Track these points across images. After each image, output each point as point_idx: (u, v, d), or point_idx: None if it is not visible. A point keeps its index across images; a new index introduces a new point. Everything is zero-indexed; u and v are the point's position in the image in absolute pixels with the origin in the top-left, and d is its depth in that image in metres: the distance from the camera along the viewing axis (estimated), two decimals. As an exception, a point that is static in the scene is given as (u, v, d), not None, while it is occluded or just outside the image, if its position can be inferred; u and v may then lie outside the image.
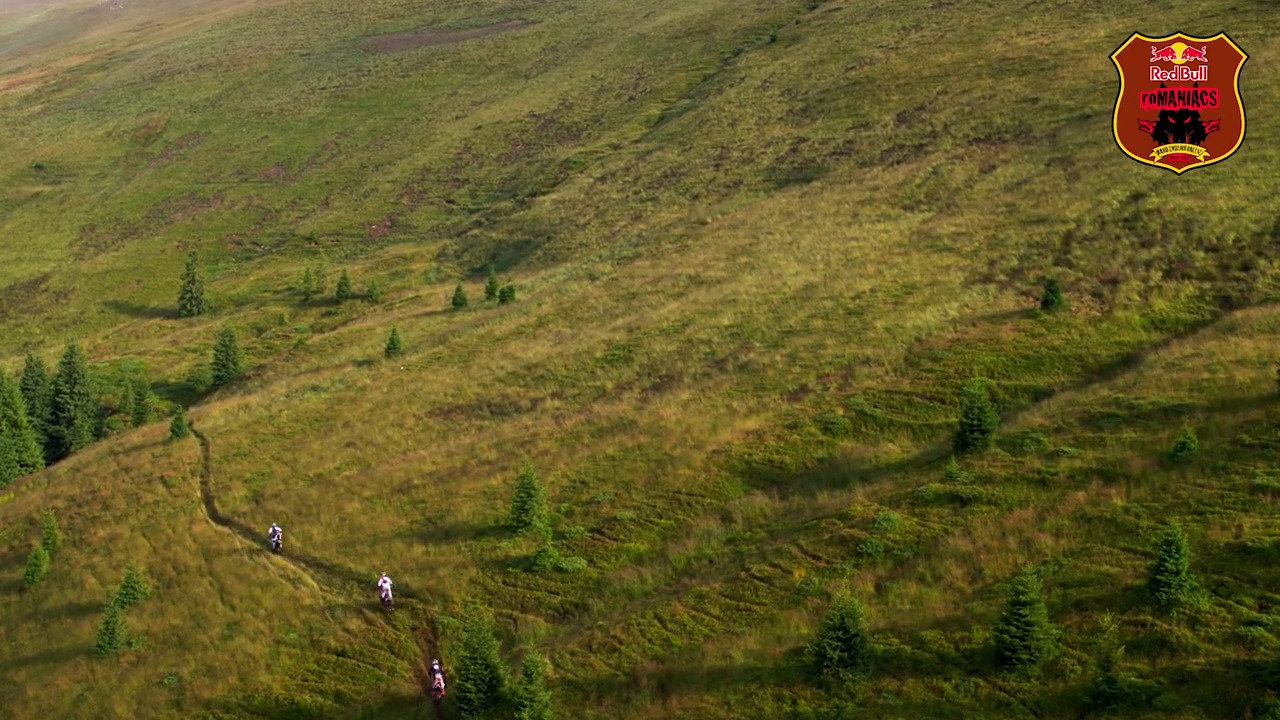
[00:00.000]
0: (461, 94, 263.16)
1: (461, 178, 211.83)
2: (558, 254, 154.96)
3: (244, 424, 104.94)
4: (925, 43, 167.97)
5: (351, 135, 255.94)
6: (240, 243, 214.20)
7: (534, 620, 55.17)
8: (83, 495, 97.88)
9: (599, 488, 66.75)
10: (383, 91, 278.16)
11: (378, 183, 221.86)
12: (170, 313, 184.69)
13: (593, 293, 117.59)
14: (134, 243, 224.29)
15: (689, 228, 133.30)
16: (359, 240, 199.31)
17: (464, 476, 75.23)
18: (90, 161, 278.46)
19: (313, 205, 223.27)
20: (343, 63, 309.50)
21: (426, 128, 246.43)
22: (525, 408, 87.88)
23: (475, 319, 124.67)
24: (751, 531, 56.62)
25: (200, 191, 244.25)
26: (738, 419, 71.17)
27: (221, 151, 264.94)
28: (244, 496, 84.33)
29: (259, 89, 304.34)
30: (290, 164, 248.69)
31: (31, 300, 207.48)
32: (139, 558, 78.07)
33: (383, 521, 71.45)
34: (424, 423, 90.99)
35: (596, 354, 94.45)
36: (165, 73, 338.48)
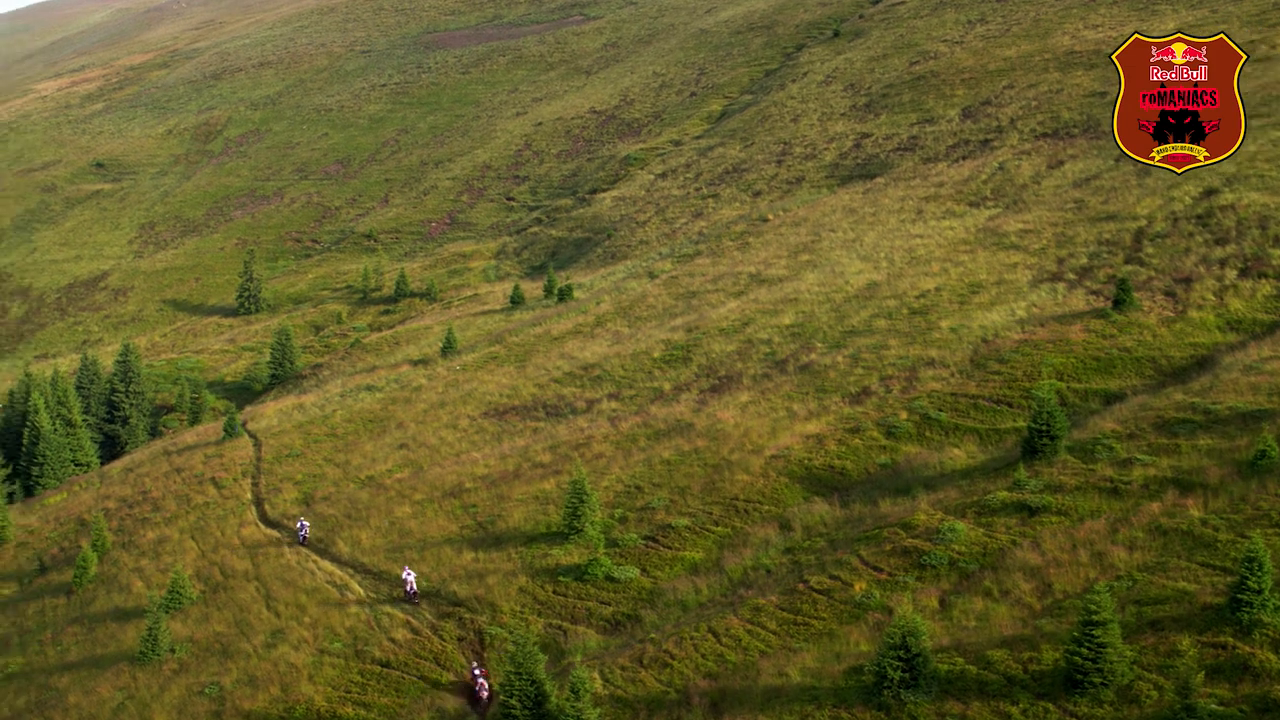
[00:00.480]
0: (522, 90, 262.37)
1: (522, 174, 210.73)
2: (618, 252, 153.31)
3: (297, 424, 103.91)
4: (990, 36, 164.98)
5: (412, 132, 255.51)
6: (299, 240, 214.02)
7: (584, 632, 53.33)
8: (134, 496, 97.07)
9: (654, 493, 64.82)
10: (443, 88, 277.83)
11: (437, 180, 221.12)
12: (228, 311, 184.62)
13: (652, 291, 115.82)
14: (193, 240, 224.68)
15: (750, 225, 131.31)
16: (418, 238, 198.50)
17: (516, 480, 73.58)
18: (150, 159, 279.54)
19: (372, 202, 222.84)
20: (403, 60, 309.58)
21: (487, 124, 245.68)
22: (581, 409, 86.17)
23: (533, 318, 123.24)
24: (811, 541, 54.54)
25: (260, 189, 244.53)
26: (798, 422, 69.06)
27: (282, 149, 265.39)
28: (294, 499, 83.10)
29: (319, 86, 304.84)
30: (350, 161, 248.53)
31: (90, 298, 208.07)
32: (186, 561, 77.01)
33: (433, 526, 69.88)
34: (478, 424, 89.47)
35: (654, 354, 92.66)
36: (226, 70, 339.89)
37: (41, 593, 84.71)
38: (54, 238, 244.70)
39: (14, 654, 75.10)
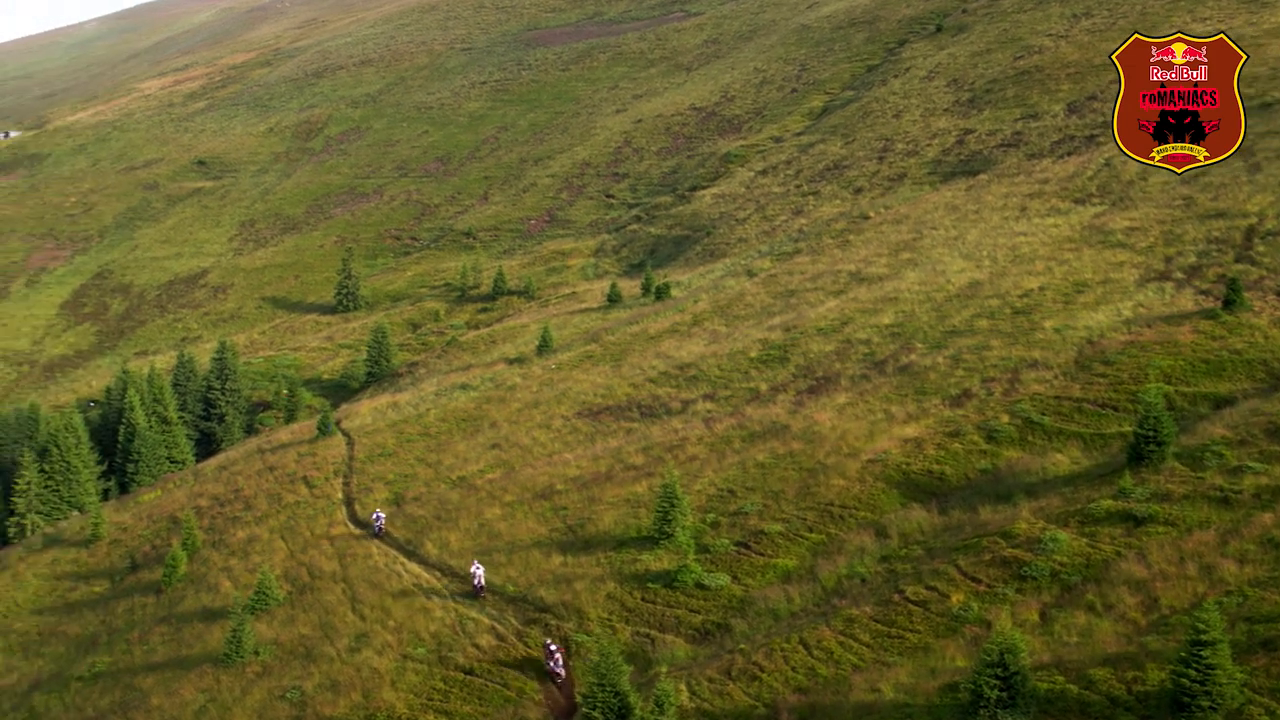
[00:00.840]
0: (622, 87, 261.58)
1: (621, 172, 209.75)
2: (716, 249, 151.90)
3: (391, 423, 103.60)
4: (1096, 30, 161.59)
5: (511, 130, 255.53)
6: (399, 238, 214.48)
7: (672, 641, 52.04)
8: (226, 494, 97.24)
9: (747, 498, 63.40)
10: (543, 85, 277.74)
11: (537, 177, 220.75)
12: (327, 308, 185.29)
13: (750, 290, 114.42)
14: (293, 238, 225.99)
15: (851, 222, 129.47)
16: (517, 235, 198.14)
17: (608, 482, 72.49)
18: (251, 157, 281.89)
19: (471, 200, 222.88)
20: (503, 57, 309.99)
21: (587, 121, 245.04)
22: (676, 410, 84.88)
23: (630, 316, 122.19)
24: (907, 549, 52.87)
25: (360, 187, 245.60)
26: (896, 425, 67.33)
27: (382, 146, 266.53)
28: (385, 499, 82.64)
29: (420, 84, 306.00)
30: (450, 159, 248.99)
31: (190, 295, 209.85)
32: (275, 561, 76.84)
33: (522, 529, 68.95)
34: (571, 424, 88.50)
35: (751, 354, 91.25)
36: (328, 68, 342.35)
37: (132, 591, 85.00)
38: (155, 235, 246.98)
39: (101, 653, 75.28)
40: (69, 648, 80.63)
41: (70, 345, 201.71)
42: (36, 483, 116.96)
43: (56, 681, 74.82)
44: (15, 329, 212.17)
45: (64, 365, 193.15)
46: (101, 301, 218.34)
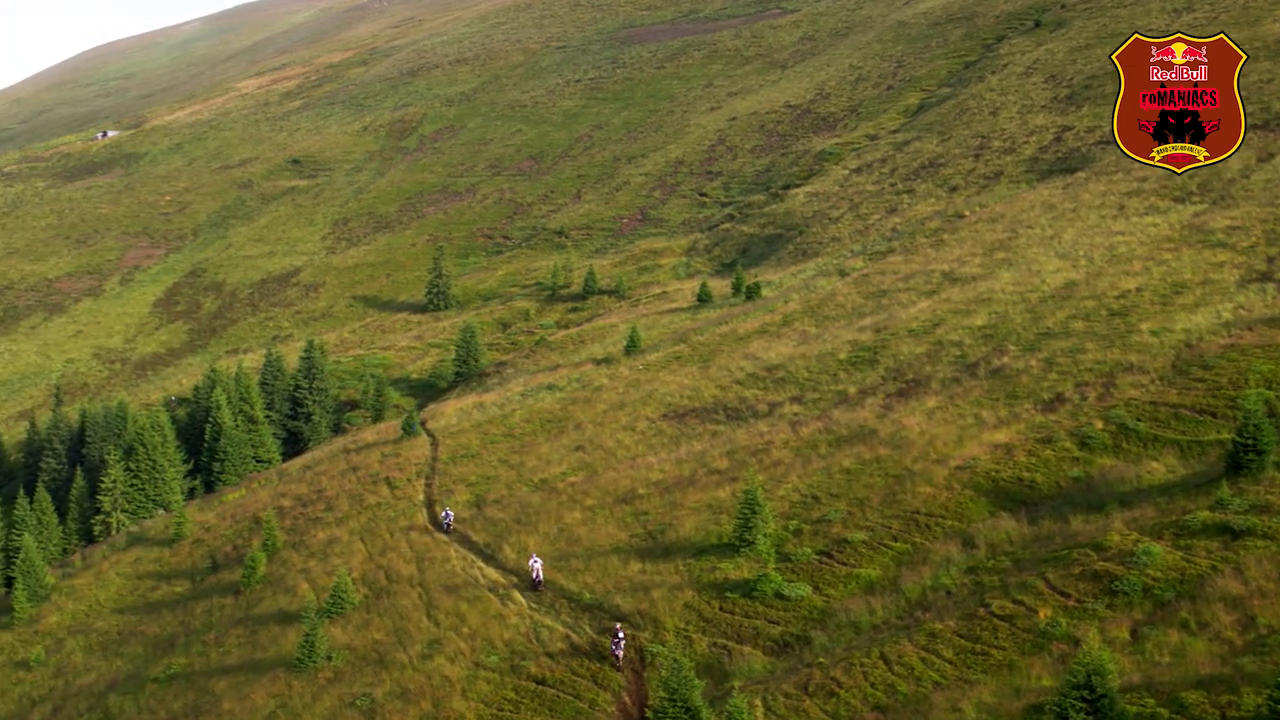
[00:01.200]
0: (717, 85, 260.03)
1: (715, 170, 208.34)
2: (809, 249, 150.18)
3: (476, 423, 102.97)
4: (1198, 25, 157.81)
5: (605, 128, 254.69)
6: (490, 237, 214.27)
7: (750, 653, 50.64)
8: (309, 494, 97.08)
9: (831, 505, 61.82)
10: (637, 83, 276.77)
11: (630, 175, 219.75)
12: (417, 307, 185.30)
13: (841, 289, 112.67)
14: (385, 237, 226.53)
15: (945, 221, 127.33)
16: (609, 234, 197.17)
17: (691, 487, 71.19)
18: (346, 155, 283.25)
19: (564, 199, 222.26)
20: (598, 55, 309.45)
21: (681, 119, 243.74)
22: (762, 412, 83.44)
23: (719, 316, 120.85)
24: (995, 560, 51.08)
25: (453, 185, 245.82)
26: (986, 431, 65.40)
27: (475, 145, 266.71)
28: (466, 501, 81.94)
29: (514, 82, 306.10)
30: (543, 157, 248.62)
31: (282, 294, 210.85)
32: (353, 564, 76.41)
33: (602, 534, 67.83)
34: (656, 426, 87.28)
35: (840, 355, 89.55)
36: (423, 67, 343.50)
37: (211, 591, 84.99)
38: (249, 234, 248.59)
39: (178, 654, 75.17)
40: (147, 648, 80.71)
41: (162, 343, 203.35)
42: (122, 481, 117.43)
43: (133, 682, 74.82)
44: (109, 327, 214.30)
45: (155, 363, 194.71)
46: (194, 300, 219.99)
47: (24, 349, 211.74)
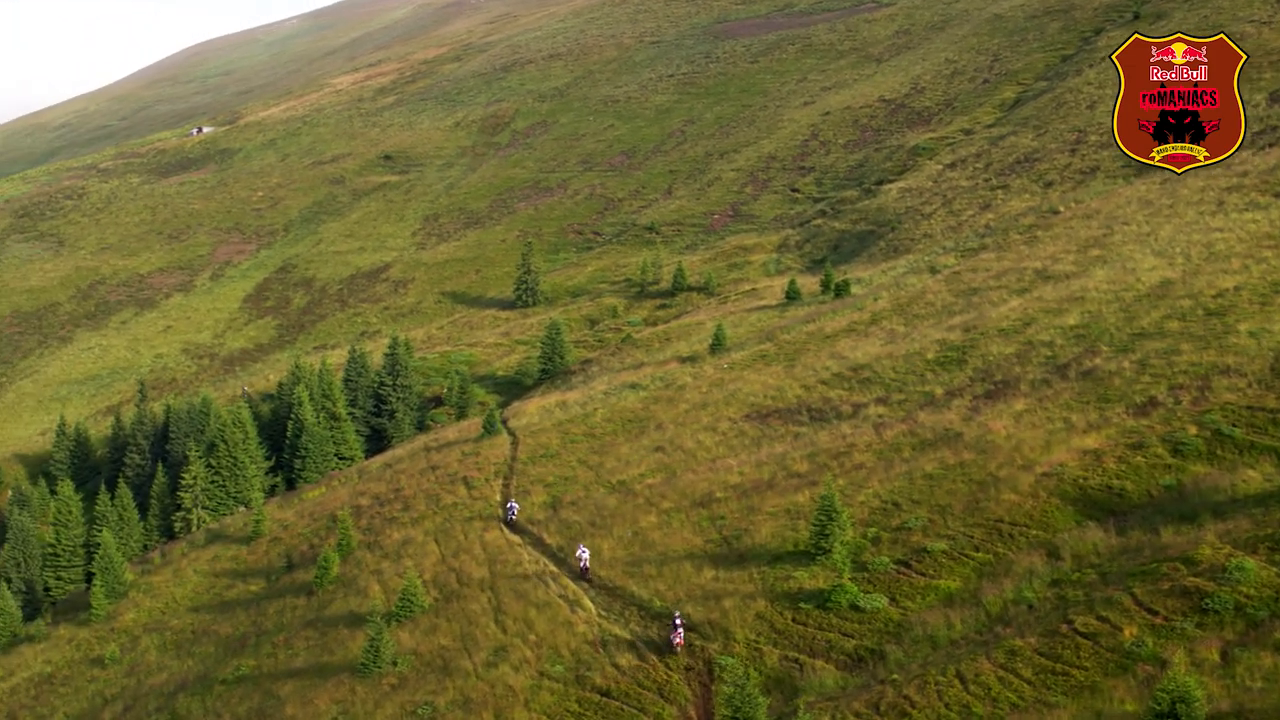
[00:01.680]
0: (811, 79, 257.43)
1: (807, 165, 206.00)
2: (900, 245, 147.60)
3: (557, 422, 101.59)
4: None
5: (698, 123, 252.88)
6: (581, 232, 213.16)
7: (822, 668, 48.62)
8: (387, 493, 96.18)
9: (912, 511, 59.58)
10: (731, 78, 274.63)
11: (722, 171, 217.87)
12: (506, 303, 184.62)
13: (932, 287, 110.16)
14: (475, 232, 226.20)
15: (1039, 217, 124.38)
16: (700, 230, 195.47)
17: (769, 491, 69.22)
18: (438, 151, 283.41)
19: (655, 194, 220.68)
20: (692, 50, 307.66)
21: (774, 114, 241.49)
22: (846, 413, 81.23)
23: (807, 314, 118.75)
24: (1080, 573, 48.70)
25: (544, 181, 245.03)
26: (1075, 435, 62.82)
27: (567, 140, 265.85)
28: (542, 503, 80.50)
29: (607, 77, 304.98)
30: (635, 152, 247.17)
31: (371, 290, 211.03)
32: (425, 565, 75.33)
33: (676, 539, 66.03)
34: (738, 427, 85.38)
35: (928, 355, 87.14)
36: (516, 63, 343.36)
37: (284, 591, 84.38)
38: (339, 229, 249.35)
39: (248, 655, 74.43)
40: (218, 648, 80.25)
41: (251, 339, 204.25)
42: (203, 478, 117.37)
43: (201, 684, 74.24)
44: (198, 322, 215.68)
45: (243, 359, 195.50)
46: (284, 295, 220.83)
47: (114, 344, 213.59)
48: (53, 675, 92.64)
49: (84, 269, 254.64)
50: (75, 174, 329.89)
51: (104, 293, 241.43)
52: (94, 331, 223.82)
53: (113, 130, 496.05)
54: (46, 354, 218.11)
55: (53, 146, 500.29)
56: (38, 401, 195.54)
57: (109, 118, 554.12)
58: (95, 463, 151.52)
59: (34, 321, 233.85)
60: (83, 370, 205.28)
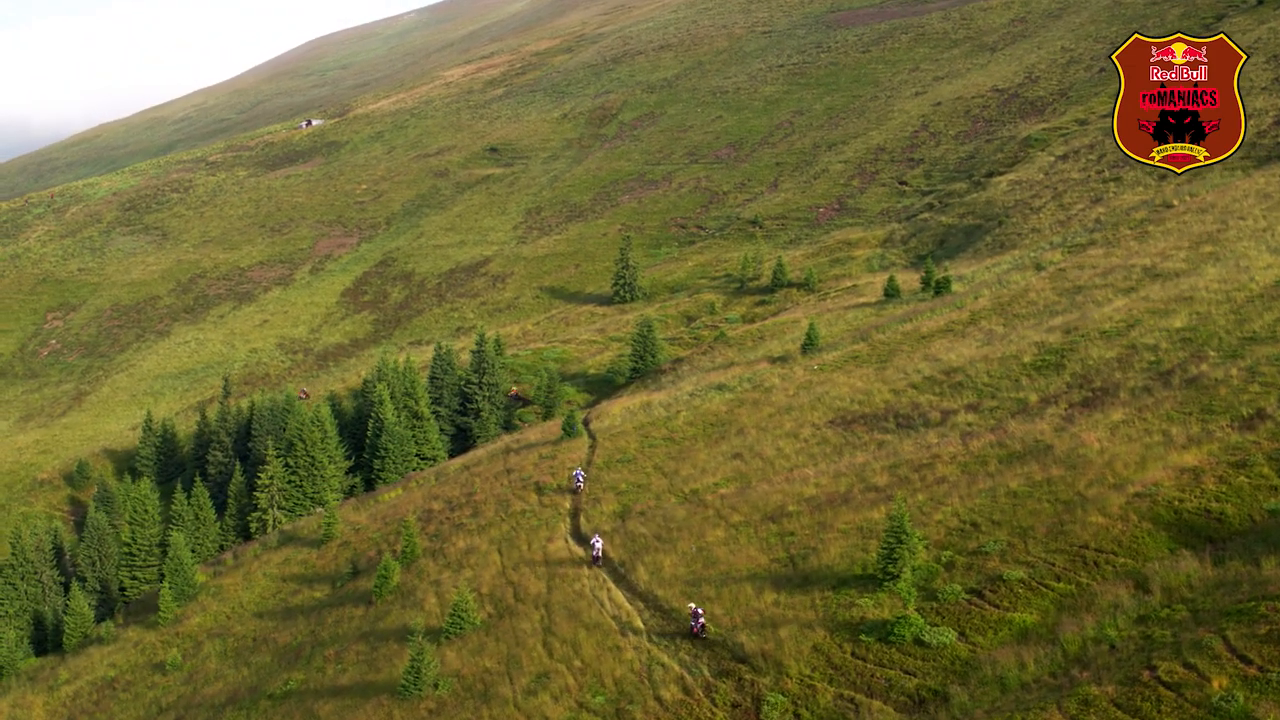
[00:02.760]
0: (923, 69, 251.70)
1: (916, 157, 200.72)
2: (1007, 240, 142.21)
3: (638, 425, 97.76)
4: None
5: (807, 114, 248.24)
6: (684, 226, 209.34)
7: (879, 709, 44.09)
8: (459, 497, 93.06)
9: (991, 534, 54.79)
10: (842, 68, 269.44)
11: (829, 163, 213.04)
12: (603, 299, 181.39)
13: (1035, 285, 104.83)
14: (577, 226, 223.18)
15: (1151, 211, 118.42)
16: (804, 224, 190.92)
17: (844, 505, 64.70)
18: (543, 143, 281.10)
19: (761, 187, 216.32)
20: (803, 39, 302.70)
21: (884, 105, 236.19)
22: (934, 421, 76.47)
23: (904, 313, 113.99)
24: (1170, 609, 43.75)
25: (649, 173, 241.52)
26: (1173, 451, 57.57)
27: (674, 132, 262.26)
28: (611, 512, 76.75)
29: (717, 68, 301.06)
30: (742, 144, 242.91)
31: (470, 284, 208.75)
32: (485, 577, 72.07)
33: (741, 556, 61.80)
34: (821, 433, 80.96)
35: (1025, 358, 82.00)
36: (627, 54, 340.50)
37: (345, 600, 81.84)
38: (441, 223, 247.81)
39: (299, 669, 71.84)
40: (275, 658, 78.08)
41: (346, 334, 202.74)
42: (280, 477, 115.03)
43: (250, 696, 72.02)
44: (295, 316, 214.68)
45: (338, 354, 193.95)
46: (382, 289, 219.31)
47: (210, 338, 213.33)
48: (115, 680, 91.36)
49: (185, 262, 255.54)
50: (184, 167, 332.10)
51: (203, 286, 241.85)
52: (191, 325, 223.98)
53: (230, 124, 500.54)
54: (143, 348, 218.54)
55: (171, 140, 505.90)
56: (130, 396, 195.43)
57: (227, 111, 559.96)
58: (181, 459, 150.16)
59: (133, 315, 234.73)
60: (177, 364, 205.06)
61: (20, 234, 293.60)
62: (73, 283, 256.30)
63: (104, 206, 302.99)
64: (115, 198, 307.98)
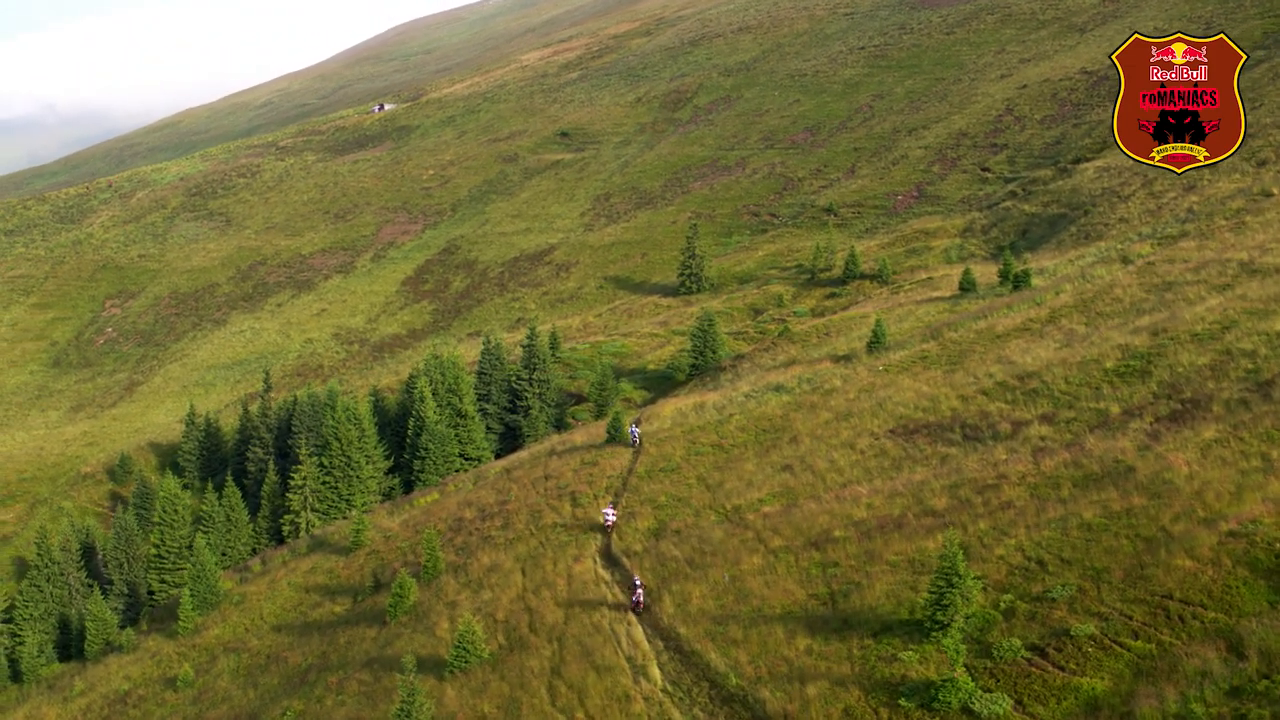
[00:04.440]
0: (1009, 51, 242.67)
1: (1000, 143, 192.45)
2: (1093, 230, 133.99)
3: (688, 429, 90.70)
4: None
5: (887, 98, 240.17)
6: (756, 214, 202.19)
7: (914, 798, 37.05)
8: (494, 505, 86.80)
9: (1059, 575, 47.27)
10: (924, 50, 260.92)
11: (908, 149, 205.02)
12: (669, 290, 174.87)
13: (1121, 280, 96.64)
14: (646, 213, 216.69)
15: (1249, 200, 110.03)
16: (881, 212, 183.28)
17: (896, 532, 57.34)
18: (616, 128, 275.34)
19: (837, 173, 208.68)
20: (886, 21, 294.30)
21: (967, 88, 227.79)
22: (1004, 433, 68.72)
23: (979, 309, 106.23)
24: (1269, 680, 36.22)
25: (722, 159, 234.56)
26: (1274, 479, 49.75)
27: (750, 116, 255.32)
28: (646, 529, 69.99)
29: (796, 50, 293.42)
30: (819, 129, 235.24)
31: (533, 273, 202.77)
32: (504, 600, 65.77)
33: (777, 590, 54.69)
34: (879, 444, 73.51)
35: (1106, 363, 73.91)
36: (705, 36, 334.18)
37: (361, 618, 76.41)
38: (507, 209, 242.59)
39: (300, 696, 66.49)
40: (282, 681, 73.11)
41: (405, 324, 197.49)
42: (313, 478, 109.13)
43: (248, 725, 65.94)
44: (353, 306, 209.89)
45: (394, 345, 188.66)
46: (443, 278, 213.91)
47: (266, 327, 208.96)
48: (128, 695, 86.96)
49: (246, 249, 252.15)
50: (254, 151, 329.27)
51: (263, 274, 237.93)
52: (248, 314, 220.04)
53: (311, 109, 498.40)
54: (199, 336, 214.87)
55: (252, 125, 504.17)
56: (182, 386, 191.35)
57: (310, 96, 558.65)
58: (224, 455, 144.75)
59: (190, 303, 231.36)
60: (231, 354, 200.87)
61: (85, 219, 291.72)
62: (133, 269, 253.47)
63: (169, 192, 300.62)
64: (182, 183, 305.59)
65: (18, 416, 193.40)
